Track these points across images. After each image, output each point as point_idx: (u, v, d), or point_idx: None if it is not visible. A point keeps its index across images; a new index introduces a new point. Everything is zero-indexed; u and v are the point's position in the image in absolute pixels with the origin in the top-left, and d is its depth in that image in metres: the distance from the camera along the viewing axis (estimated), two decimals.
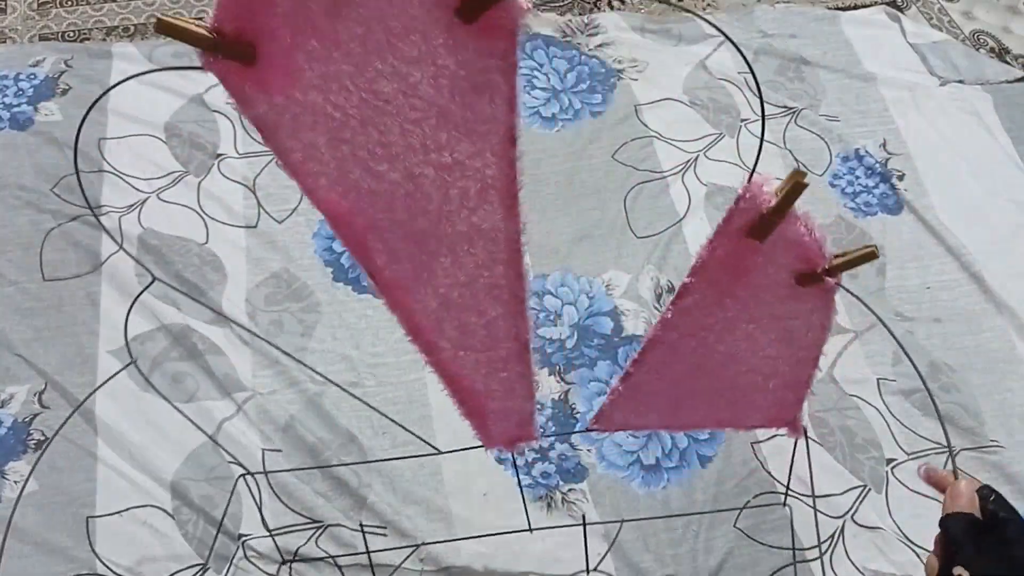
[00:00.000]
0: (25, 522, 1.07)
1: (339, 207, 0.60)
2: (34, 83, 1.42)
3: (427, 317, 0.69)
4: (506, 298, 0.66)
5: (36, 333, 1.20)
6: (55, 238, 1.27)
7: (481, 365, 0.74)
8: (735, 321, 0.76)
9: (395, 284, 0.66)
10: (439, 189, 0.58)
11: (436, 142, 0.55)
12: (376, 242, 0.63)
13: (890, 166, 1.45)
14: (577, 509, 1.12)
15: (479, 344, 0.72)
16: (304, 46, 0.51)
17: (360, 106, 0.54)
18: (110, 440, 1.12)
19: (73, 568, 1.05)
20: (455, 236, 0.61)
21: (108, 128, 1.37)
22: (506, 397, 0.79)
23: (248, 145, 1.39)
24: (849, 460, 1.17)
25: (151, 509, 1.09)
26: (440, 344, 0.72)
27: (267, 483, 1.11)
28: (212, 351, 1.20)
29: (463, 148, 0.55)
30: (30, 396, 1.15)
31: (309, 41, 0.51)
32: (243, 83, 0.53)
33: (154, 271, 1.25)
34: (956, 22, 1.71)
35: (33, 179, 1.32)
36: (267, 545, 1.07)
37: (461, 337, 0.71)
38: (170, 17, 0.48)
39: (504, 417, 0.83)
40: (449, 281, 0.65)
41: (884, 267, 1.34)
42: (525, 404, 0.81)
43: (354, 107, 0.54)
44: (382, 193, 0.58)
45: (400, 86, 0.52)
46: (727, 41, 1.60)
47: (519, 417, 0.83)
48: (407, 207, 0.59)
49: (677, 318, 0.74)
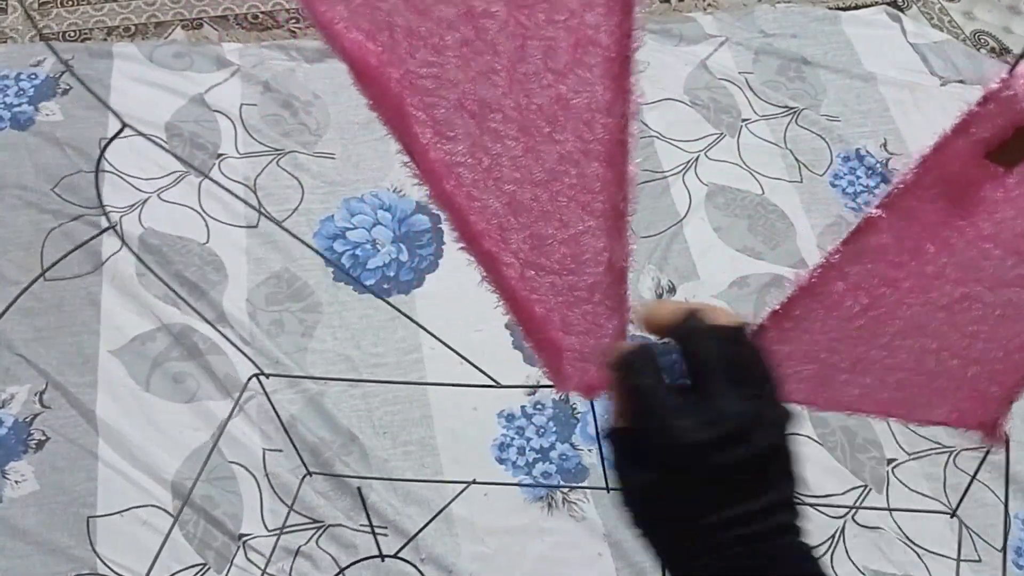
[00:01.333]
0: (26, 522, 1.07)
1: (365, 52, 0.43)
2: (35, 83, 1.42)
3: (486, 220, 0.52)
4: (600, 208, 0.49)
5: (37, 333, 1.20)
6: (56, 238, 1.27)
7: (558, 291, 0.57)
8: (934, 279, 0.54)
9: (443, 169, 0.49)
10: (512, 38, 0.41)
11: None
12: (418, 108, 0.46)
13: (891, 166, 1.45)
14: (578, 509, 1.12)
15: (557, 264, 0.55)
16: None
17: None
18: (111, 440, 1.12)
19: (74, 568, 1.05)
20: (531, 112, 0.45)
21: (109, 128, 1.37)
22: (589, 334, 0.61)
23: (249, 145, 1.39)
24: (850, 460, 1.17)
25: (152, 509, 1.09)
26: (503, 258, 0.55)
27: (268, 483, 1.11)
28: (213, 351, 1.20)
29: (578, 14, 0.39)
30: (31, 396, 1.15)
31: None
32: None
33: (155, 271, 1.25)
34: (957, 22, 1.71)
35: (34, 179, 1.32)
36: (267, 545, 1.07)
37: (532, 253, 0.54)
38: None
39: (583, 358, 0.65)
40: (519, 175, 0.49)
41: None
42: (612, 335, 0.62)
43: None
44: (425, 35, 0.42)
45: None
46: (728, 41, 1.60)
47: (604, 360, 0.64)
48: (463, 63, 0.43)
49: (847, 262, 0.54)
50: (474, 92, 0.44)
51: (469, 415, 1.18)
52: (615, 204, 0.48)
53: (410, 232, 1.33)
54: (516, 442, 1.17)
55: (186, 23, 1.58)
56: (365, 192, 1.36)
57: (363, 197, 1.36)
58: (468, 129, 0.46)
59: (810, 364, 0.65)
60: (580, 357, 0.65)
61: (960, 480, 1.17)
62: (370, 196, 1.36)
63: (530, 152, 0.47)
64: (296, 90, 1.45)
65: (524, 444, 1.17)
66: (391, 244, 1.32)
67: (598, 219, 0.50)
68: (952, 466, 1.18)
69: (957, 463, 1.18)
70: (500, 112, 0.45)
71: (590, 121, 0.44)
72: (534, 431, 1.18)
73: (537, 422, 1.18)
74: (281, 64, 1.48)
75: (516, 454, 1.16)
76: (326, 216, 1.34)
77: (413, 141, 0.47)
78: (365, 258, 1.30)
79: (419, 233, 1.33)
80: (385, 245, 1.31)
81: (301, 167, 1.38)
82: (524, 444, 1.17)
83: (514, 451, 1.16)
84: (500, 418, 1.18)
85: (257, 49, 1.50)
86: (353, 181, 1.37)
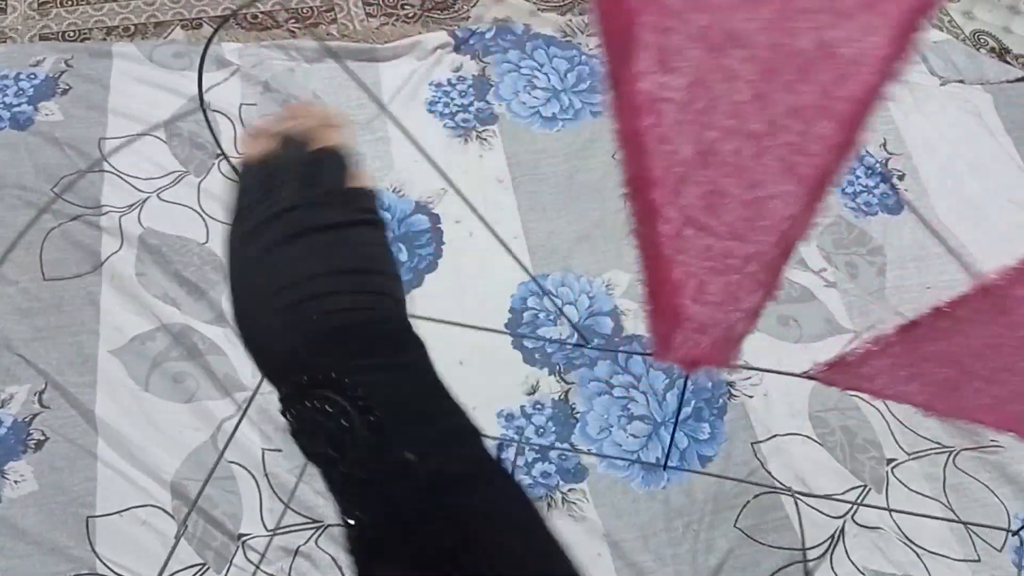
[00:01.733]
0: (25, 522, 1.07)
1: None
2: (34, 83, 1.42)
3: (667, 167, 0.48)
4: (806, 173, 0.44)
5: (36, 333, 1.20)
6: (55, 238, 1.27)
7: (711, 255, 0.53)
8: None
9: (646, 104, 0.44)
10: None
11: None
12: (651, 29, 0.41)
13: (890, 166, 1.45)
14: (577, 509, 1.12)
15: (724, 227, 0.50)
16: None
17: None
18: (110, 440, 1.12)
19: (73, 568, 1.05)
20: (784, 54, 0.39)
21: (108, 128, 1.37)
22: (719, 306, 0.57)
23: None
24: (849, 460, 1.17)
25: (151, 509, 1.09)
26: (666, 212, 0.51)
27: (267, 483, 1.11)
28: (212, 351, 1.20)
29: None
30: (30, 396, 1.15)
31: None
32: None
33: (154, 271, 1.25)
34: (956, 22, 1.71)
35: (33, 179, 1.32)
36: (266, 545, 1.07)
37: (703, 211, 0.49)
38: None
39: (701, 329, 0.60)
40: (731, 124, 0.43)
41: (884, 267, 1.34)
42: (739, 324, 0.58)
43: None
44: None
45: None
46: None
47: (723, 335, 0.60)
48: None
49: (1009, 283, 0.51)
50: (727, 21, 0.39)
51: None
52: (827, 170, 0.43)
53: (409, 232, 1.33)
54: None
55: (185, 23, 1.58)
56: None
57: None
58: (698, 62, 0.41)
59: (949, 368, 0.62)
60: (699, 328, 0.60)
61: (960, 480, 1.17)
62: None
63: (758, 99, 0.41)
64: (295, 90, 1.45)
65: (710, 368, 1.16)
66: (391, 244, 1.31)
67: (798, 184, 0.45)
68: (952, 466, 1.18)
69: (957, 463, 1.18)
70: (747, 48, 0.39)
71: (847, 75, 0.38)
72: (533, 431, 1.18)
73: (536, 422, 1.18)
74: (281, 64, 1.48)
75: (515, 453, 1.16)
76: None
77: (625, 66, 0.41)
78: None
79: (418, 233, 1.33)
80: None
81: None
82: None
83: (513, 450, 1.16)
84: (499, 418, 1.18)
85: (257, 49, 1.50)
86: None
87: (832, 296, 1.31)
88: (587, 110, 1.48)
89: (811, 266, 1.33)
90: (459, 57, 1.53)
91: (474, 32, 1.56)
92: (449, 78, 1.50)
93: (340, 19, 1.61)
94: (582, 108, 1.49)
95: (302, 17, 1.60)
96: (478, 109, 1.47)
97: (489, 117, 1.46)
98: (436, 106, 1.46)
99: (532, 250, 1.31)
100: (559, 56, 1.55)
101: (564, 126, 1.46)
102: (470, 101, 1.48)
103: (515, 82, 1.50)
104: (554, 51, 1.55)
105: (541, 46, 1.55)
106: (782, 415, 1.20)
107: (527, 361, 1.23)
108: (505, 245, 0.86)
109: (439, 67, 1.51)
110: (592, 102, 1.49)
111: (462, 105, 1.47)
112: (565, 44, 1.56)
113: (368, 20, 1.61)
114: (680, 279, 0.55)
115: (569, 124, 1.47)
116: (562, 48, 1.56)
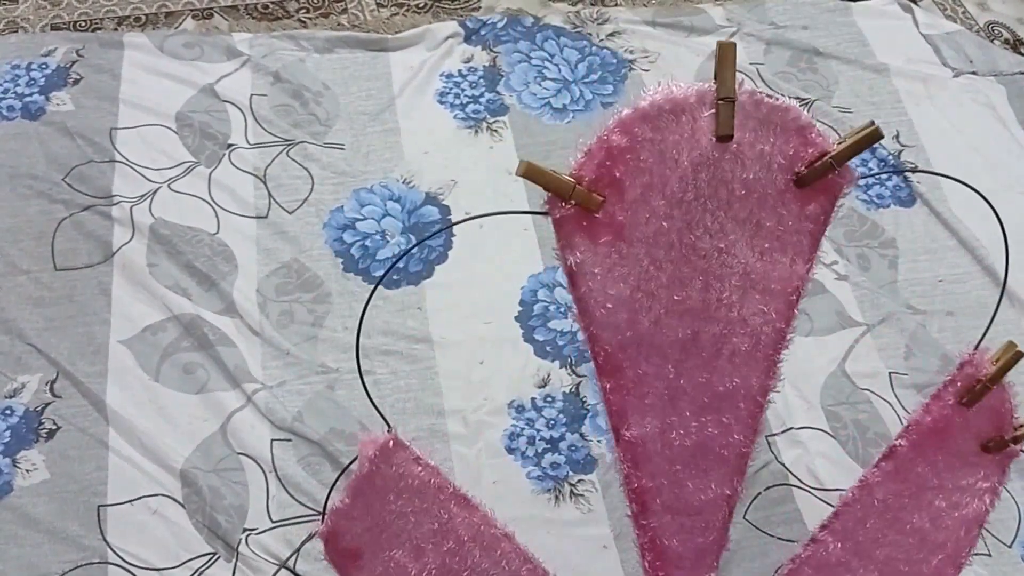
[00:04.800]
0: (37, 510, 1.07)
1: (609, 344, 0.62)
2: (46, 72, 1.42)
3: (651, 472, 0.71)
4: (732, 461, 0.68)
5: (48, 322, 1.20)
6: (67, 228, 1.28)
7: (684, 530, 0.76)
8: (923, 490, 0.74)
9: (628, 410, 0.67)
10: (714, 345, 0.61)
11: (730, 299, 0.58)
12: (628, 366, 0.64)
13: (903, 158, 1.45)
14: (585, 501, 1.12)
15: (689, 509, 0.74)
16: (650, 203, 0.55)
17: (676, 261, 0.57)
18: (121, 429, 1.13)
19: (84, 556, 1.05)
20: (711, 395, 0.63)
21: (120, 118, 1.38)
22: (694, 557, 0.80)
23: (259, 135, 1.39)
24: (861, 454, 1.17)
25: (162, 498, 1.09)
26: (651, 507, 0.74)
27: (275, 474, 1.11)
28: (222, 342, 1.20)
29: (751, 304, 0.59)
30: (42, 385, 1.16)
31: (657, 201, 0.55)
32: (577, 229, 0.56)
33: (165, 261, 1.26)
34: (970, 13, 1.70)
35: (45, 168, 1.32)
36: (272, 535, 1.07)
37: (675, 497, 0.73)
38: (537, 164, 0.54)
39: (679, 561, 0.81)
40: (678, 438, 0.67)
41: (897, 260, 1.34)
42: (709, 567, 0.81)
43: (670, 261, 0.57)
44: (661, 345, 0.61)
45: (718, 243, 0.57)
46: (739, 32, 1.59)
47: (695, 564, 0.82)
48: (678, 360, 0.62)
49: (879, 481, 0.73)
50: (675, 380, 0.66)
51: (480, 405, 1.18)
52: (742, 457, 0.71)
53: (420, 223, 1.33)
54: (526, 432, 1.17)
55: (196, 13, 1.57)
56: (375, 183, 1.36)
57: (372, 188, 1.36)
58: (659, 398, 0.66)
59: (844, 566, 0.80)
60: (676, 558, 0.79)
61: None
62: (379, 187, 1.36)
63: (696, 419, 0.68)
64: (306, 80, 1.45)
65: (534, 434, 1.17)
66: (400, 235, 1.32)
67: (727, 466, 0.71)
68: None
69: None
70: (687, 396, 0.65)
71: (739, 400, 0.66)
72: (544, 423, 1.18)
73: (547, 415, 1.18)
74: (291, 54, 1.48)
75: (526, 444, 1.16)
76: (336, 207, 1.33)
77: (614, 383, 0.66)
78: (375, 249, 1.30)
79: (429, 224, 1.33)
80: (395, 236, 1.31)
81: (311, 158, 1.38)
82: (534, 434, 1.17)
83: (523, 440, 1.16)
84: (511, 409, 1.18)
85: (267, 39, 1.50)
86: (363, 172, 1.37)
87: (844, 289, 1.31)
88: (598, 101, 1.48)
89: (822, 259, 1.32)
90: (470, 48, 1.52)
91: (485, 22, 1.55)
92: (460, 69, 1.50)
93: (351, 9, 1.61)
94: (593, 99, 1.48)
95: (313, 7, 1.60)
96: (488, 100, 1.46)
97: (500, 108, 1.46)
98: (447, 97, 1.46)
99: (542, 242, 1.31)
100: (569, 47, 1.54)
101: (575, 117, 1.46)
102: (480, 92, 1.47)
103: (525, 73, 1.50)
104: (564, 41, 1.55)
105: (551, 37, 1.55)
106: (798, 409, 1.20)
107: (538, 354, 1.23)
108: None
109: (450, 58, 1.51)
110: (603, 93, 1.49)
111: (472, 96, 1.47)
112: (575, 35, 1.56)
113: (379, 10, 1.61)
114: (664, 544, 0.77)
115: (580, 115, 1.46)
116: (572, 39, 1.55)
